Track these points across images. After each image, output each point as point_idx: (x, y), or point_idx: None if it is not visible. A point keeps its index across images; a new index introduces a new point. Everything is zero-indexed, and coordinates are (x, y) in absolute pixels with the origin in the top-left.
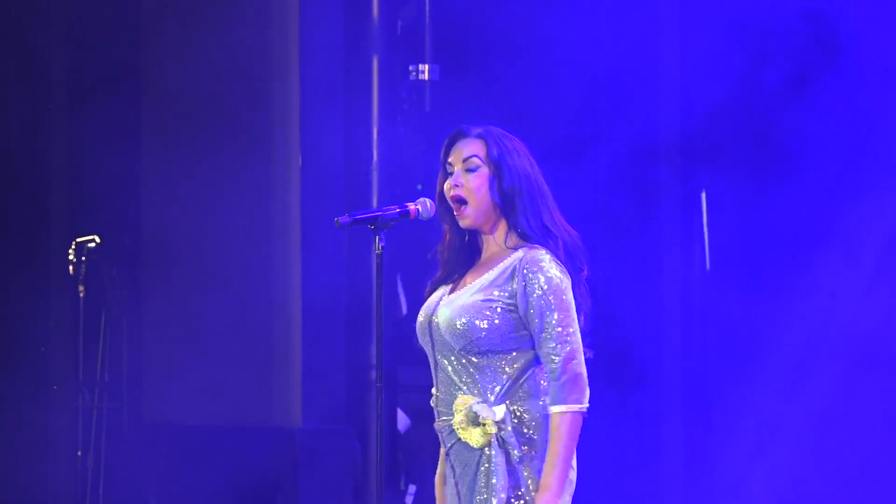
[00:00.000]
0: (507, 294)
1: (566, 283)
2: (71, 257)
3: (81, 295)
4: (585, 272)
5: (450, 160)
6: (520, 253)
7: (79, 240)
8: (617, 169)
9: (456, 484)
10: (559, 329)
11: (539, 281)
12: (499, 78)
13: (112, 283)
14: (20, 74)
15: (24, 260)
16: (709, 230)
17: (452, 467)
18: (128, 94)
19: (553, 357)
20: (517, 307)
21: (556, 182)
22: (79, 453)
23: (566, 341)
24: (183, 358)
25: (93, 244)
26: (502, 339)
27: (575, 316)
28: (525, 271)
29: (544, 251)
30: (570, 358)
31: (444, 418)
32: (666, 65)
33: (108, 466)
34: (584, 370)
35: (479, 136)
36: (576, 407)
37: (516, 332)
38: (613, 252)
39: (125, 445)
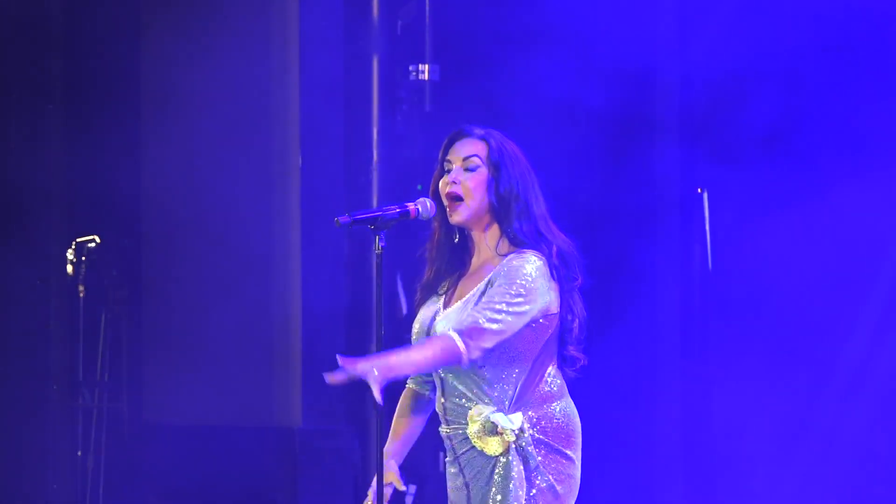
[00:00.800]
0: None
1: (536, 284)
2: (71, 257)
3: (81, 295)
4: (580, 280)
5: (449, 158)
6: (509, 258)
7: (79, 240)
8: (617, 168)
9: (466, 486)
10: (496, 304)
11: (505, 270)
12: (499, 78)
13: (112, 283)
14: (19, 74)
15: (24, 260)
16: (710, 229)
17: (462, 471)
18: (128, 94)
19: (475, 314)
20: None
21: (555, 183)
22: (79, 453)
23: (493, 310)
24: (183, 358)
25: (93, 244)
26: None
27: (522, 314)
28: (501, 267)
29: (532, 253)
30: (490, 321)
31: (455, 426)
32: (666, 64)
33: (108, 466)
34: (490, 343)
35: (481, 138)
36: (461, 345)
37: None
38: (615, 252)
39: (125, 445)
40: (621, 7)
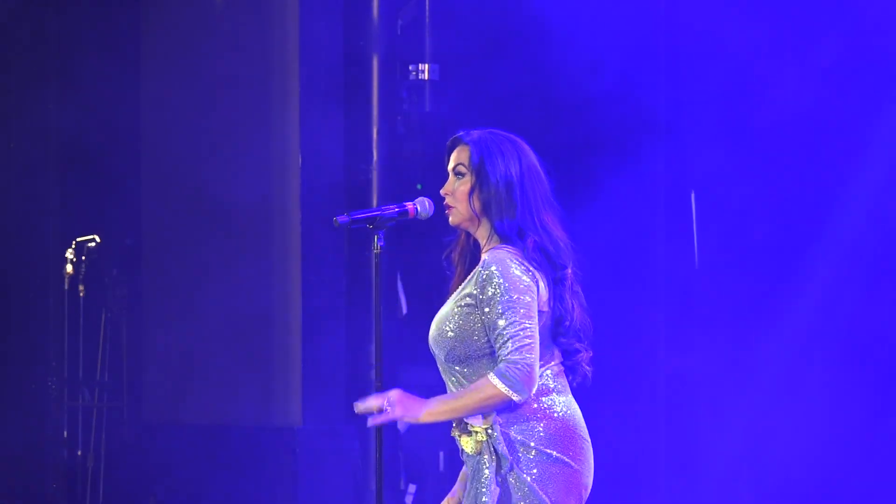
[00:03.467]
0: (471, 298)
1: (522, 285)
2: (71, 257)
3: (81, 295)
4: (569, 270)
5: (448, 167)
6: (486, 256)
7: (79, 240)
8: (610, 167)
9: (469, 481)
10: (509, 328)
11: (491, 282)
12: (499, 78)
13: (112, 283)
14: (18, 73)
15: (23, 259)
16: (697, 228)
17: (466, 465)
18: (128, 94)
19: (505, 351)
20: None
21: (551, 182)
22: (79, 453)
23: (517, 336)
24: (183, 358)
25: (93, 244)
26: (478, 344)
27: (531, 312)
28: (481, 273)
29: (505, 251)
30: (522, 349)
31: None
32: (658, 64)
33: (108, 466)
34: (536, 365)
35: (467, 143)
36: (513, 395)
37: (489, 335)
38: (604, 250)
39: (125, 445)
40: (619, 6)
